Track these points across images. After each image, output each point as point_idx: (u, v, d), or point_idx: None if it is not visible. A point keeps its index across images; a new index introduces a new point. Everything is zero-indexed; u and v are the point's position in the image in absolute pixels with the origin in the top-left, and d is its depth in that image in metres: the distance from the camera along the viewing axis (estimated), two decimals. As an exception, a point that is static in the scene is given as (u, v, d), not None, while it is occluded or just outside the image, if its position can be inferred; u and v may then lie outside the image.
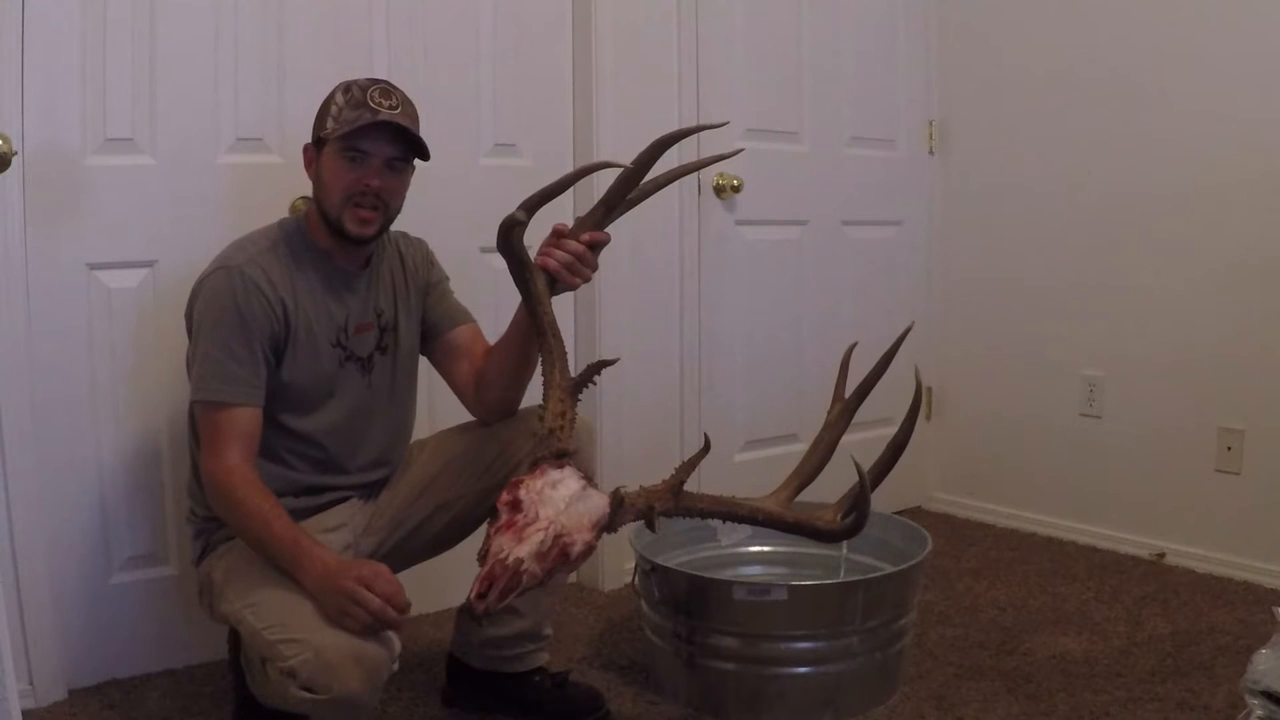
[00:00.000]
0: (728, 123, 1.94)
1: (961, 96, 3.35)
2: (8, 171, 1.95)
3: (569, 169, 2.69)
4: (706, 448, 1.70)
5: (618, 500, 1.61)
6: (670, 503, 1.66)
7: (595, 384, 1.71)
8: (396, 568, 1.98)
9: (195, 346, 1.78)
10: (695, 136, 2.76)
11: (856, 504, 1.69)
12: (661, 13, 2.76)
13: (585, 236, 1.75)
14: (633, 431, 2.75)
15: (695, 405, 2.92)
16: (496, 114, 2.59)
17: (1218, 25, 2.75)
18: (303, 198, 2.22)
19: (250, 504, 1.69)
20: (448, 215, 2.38)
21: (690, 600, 2.04)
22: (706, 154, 1.91)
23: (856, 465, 1.66)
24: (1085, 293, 3.08)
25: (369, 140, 1.78)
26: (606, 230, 1.77)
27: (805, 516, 1.74)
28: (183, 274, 2.03)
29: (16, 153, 1.96)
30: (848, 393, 1.91)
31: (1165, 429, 2.92)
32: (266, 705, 1.71)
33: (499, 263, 2.49)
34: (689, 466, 1.68)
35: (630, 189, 1.73)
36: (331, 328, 1.86)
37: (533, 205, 1.66)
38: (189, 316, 1.82)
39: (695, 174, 1.76)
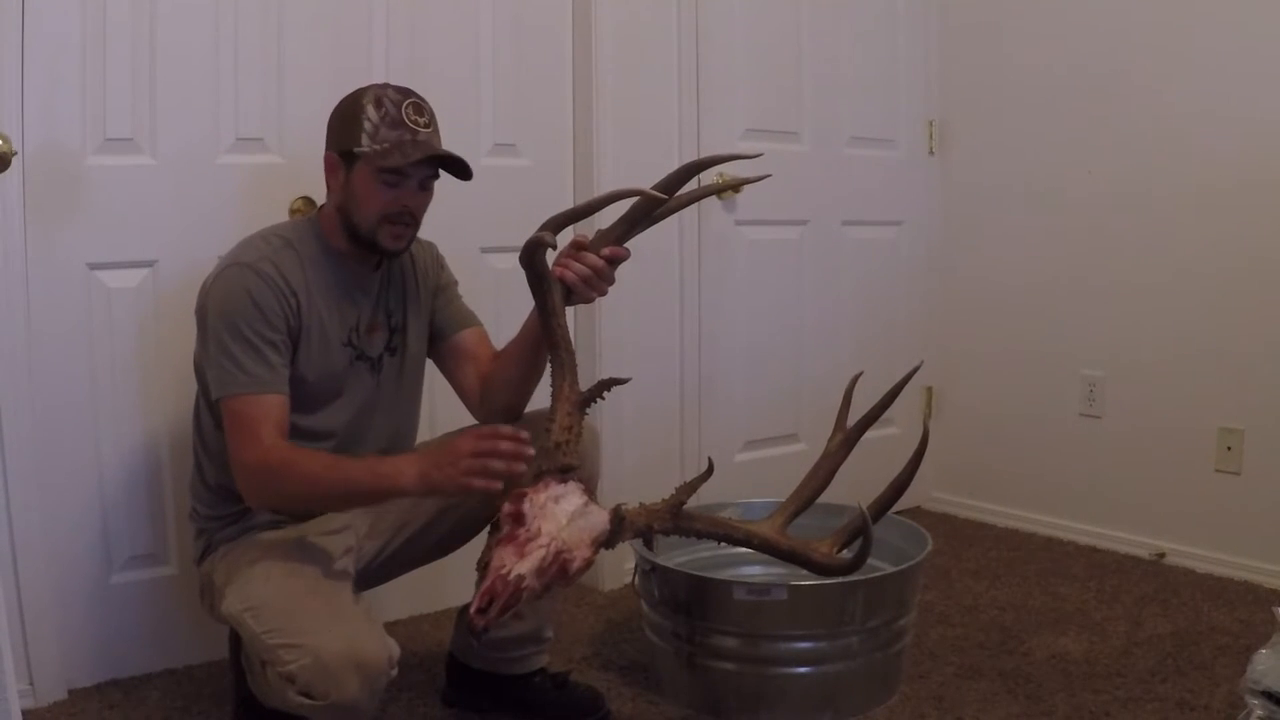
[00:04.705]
0: (762, 154, 1.92)
1: (961, 96, 3.35)
2: (8, 171, 1.95)
3: (569, 169, 2.71)
4: (709, 471, 1.72)
5: (618, 518, 1.62)
6: (669, 523, 1.68)
7: (604, 399, 1.71)
8: (400, 571, 1.99)
9: (209, 344, 1.74)
10: (697, 139, 2.81)
11: (857, 540, 1.71)
12: (661, 13, 2.76)
13: (605, 251, 1.75)
14: (633, 430, 2.75)
15: (695, 405, 2.92)
16: (496, 114, 2.59)
17: (1217, 25, 2.75)
18: (302, 198, 2.23)
19: (312, 462, 1.67)
20: (447, 216, 2.37)
21: (690, 600, 2.05)
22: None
23: (861, 509, 1.69)
24: (1085, 293, 3.08)
25: (410, 164, 1.78)
26: (626, 246, 1.77)
27: (801, 546, 1.75)
28: (183, 274, 2.03)
29: (16, 153, 1.95)
30: (850, 420, 1.92)
31: (1165, 429, 2.91)
32: (266, 705, 1.71)
33: (499, 263, 2.53)
34: (689, 488, 1.69)
35: (654, 209, 1.73)
36: (344, 328, 1.86)
37: (557, 226, 1.67)
38: (200, 313, 1.78)
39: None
